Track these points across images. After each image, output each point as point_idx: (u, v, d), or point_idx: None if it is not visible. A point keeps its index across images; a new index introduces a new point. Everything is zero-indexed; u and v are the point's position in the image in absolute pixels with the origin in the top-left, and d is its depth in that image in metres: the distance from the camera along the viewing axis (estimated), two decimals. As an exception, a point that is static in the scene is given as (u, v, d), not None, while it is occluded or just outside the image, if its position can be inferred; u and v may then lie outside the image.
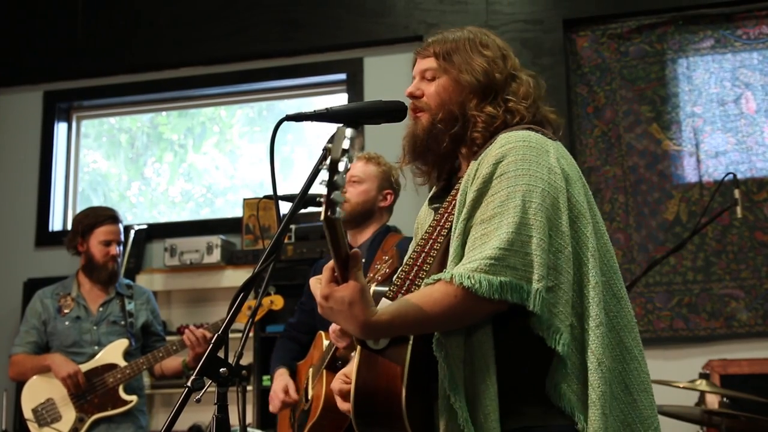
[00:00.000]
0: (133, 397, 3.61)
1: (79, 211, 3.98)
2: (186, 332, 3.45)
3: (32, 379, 3.61)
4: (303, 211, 1.70)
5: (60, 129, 5.49)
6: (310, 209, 1.88)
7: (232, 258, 4.81)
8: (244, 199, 4.96)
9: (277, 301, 3.51)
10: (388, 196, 3.09)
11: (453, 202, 1.74)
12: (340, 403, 1.77)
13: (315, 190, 1.48)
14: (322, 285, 1.50)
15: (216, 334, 1.53)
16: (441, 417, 1.57)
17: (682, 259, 4.37)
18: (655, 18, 4.66)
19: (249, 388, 4.32)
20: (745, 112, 4.49)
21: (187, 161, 5.54)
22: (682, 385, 3.16)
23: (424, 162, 1.84)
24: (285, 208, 1.76)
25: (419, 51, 1.88)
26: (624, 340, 1.65)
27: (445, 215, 1.75)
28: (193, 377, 1.49)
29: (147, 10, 5.37)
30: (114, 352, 3.64)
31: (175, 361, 3.67)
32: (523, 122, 1.76)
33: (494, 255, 1.52)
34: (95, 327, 3.69)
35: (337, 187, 1.34)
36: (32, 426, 3.55)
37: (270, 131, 1.55)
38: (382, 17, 4.96)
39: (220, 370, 1.50)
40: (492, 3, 4.80)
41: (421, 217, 1.93)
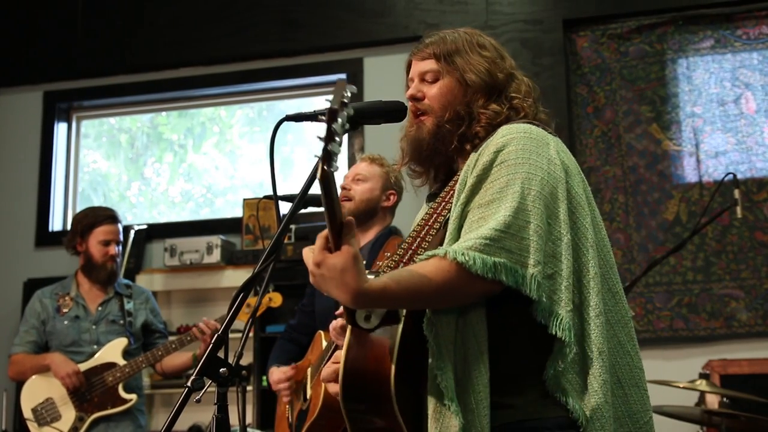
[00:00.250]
0: (133, 396, 3.62)
1: (78, 211, 3.98)
2: (199, 325, 3.45)
3: (31, 378, 3.61)
4: (303, 211, 1.70)
5: (60, 129, 5.49)
6: (310, 209, 1.88)
7: (232, 258, 4.81)
8: (244, 200, 4.96)
9: (276, 299, 3.52)
10: (391, 196, 3.13)
11: (451, 192, 1.74)
12: (330, 387, 1.76)
13: (315, 190, 1.47)
14: (314, 252, 1.48)
15: (216, 334, 1.53)
16: (429, 399, 1.56)
17: (682, 259, 4.37)
18: (655, 18, 4.66)
19: (249, 388, 4.32)
20: (745, 112, 4.49)
21: (187, 161, 5.54)
22: (682, 385, 3.16)
23: (429, 164, 1.83)
24: (285, 208, 1.76)
25: (415, 53, 1.86)
26: (618, 335, 1.65)
27: (442, 204, 1.75)
28: (193, 377, 1.49)
29: (147, 10, 5.37)
30: (113, 351, 3.64)
31: (183, 356, 3.68)
32: (527, 118, 1.77)
33: (490, 235, 1.51)
34: (94, 326, 3.69)
35: (334, 137, 1.31)
36: (32, 425, 3.55)
37: (270, 131, 1.55)
38: (381, 17, 4.96)
39: (220, 370, 1.50)
40: (492, 3, 4.80)
41: (420, 215, 1.93)
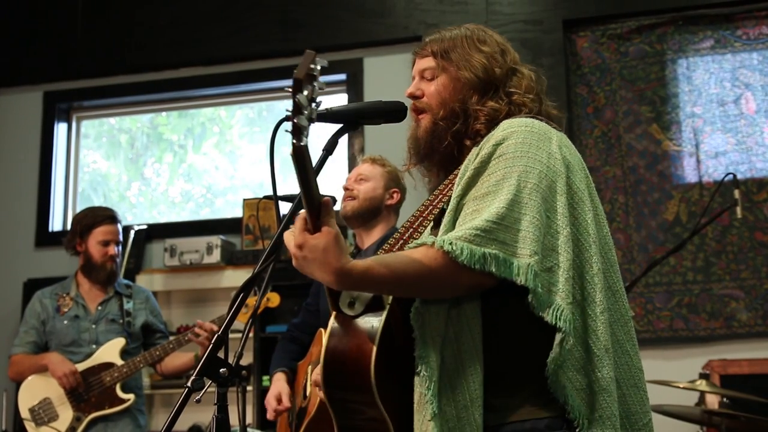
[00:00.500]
0: (130, 396, 3.61)
1: (78, 212, 3.98)
2: (195, 329, 3.44)
3: (29, 378, 3.61)
4: (303, 211, 1.70)
5: (60, 129, 5.48)
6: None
7: (232, 258, 4.81)
8: (244, 200, 4.96)
9: (273, 299, 3.53)
10: (395, 194, 3.14)
11: (449, 185, 1.74)
12: (317, 392, 1.75)
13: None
14: (295, 235, 1.46)
15: (216, 335, 1.53)
16: (416, 390, 1.55)
17: (682, 259, 4.37)
18: (655, 18, 4.66)
19: (249, 388, 4.32)
20: (744, 112, 4.49)
21: (187, 161, 5.54)
22: (682, 386, 3.16)
23: (429, 162, 1.83)
24: (285, 208, 1.76)
25: (417, 51, 1.87)
26: (617, 334, 1.63)
27: (439, 196, 1.75)
28: (193, 377, 1.49)
29: (147, 11, 5.37)
30: (111, 351, 3.64)
31: (184, 357, 3.67)
32: (530, 114, 1.76)
33: (482, 226, 1.50)
34: (94, 326, 3.69)
35: (301, 110, 1.29)
36: (29, 425, 3.55)
37: (270, 132, 1.55)
38: (381, 18, 4.96)
39: (220, 370, 1.50)
40: (492, 3, 4.80)
41: None
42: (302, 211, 1.46)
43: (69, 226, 4.04)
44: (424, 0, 4.90)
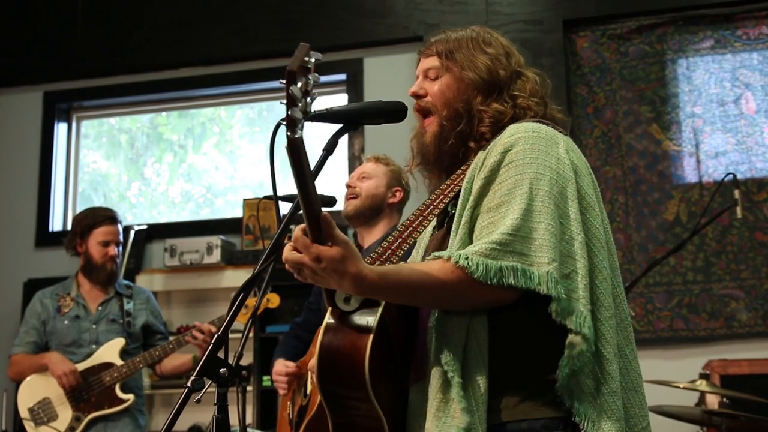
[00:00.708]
0: (130, 396, 3.61)
1: (78, 212, 3.98)
2: (192, 332, 3.44)
3: (29, 378, 3.61)
4: (301, 226, 1.70)
5: (60, 129, 5.48)
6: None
7: (232, 258, 4.81)
8: (244, 200, 4.96)
9: (273, 300, 3.52)
10: (397, 193, 3.14)
11: (451, 185, 1.74)
12: (313, 377, 1.75)
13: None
14: (305, 249, 1.44)
15: (216, 335, 1.53)
16: (434, 396, 1.56)
17: (682, 259, 4.37)
18: (655, 18, 4.66)
19: (249, 388, 4.32)
20: (744, 112, 4.49)
21: (187, 162, 5.54)
22: (682, 386, 3.16)
23: (438, 168, 1.82)
24: (285, 208, 1.76)
25: (422, 51, 1.88)
26: (618, 338, 1.63)
27: (441, 196, 1.75)
28: (193, 377, 1.49)
29: (147, 11, 5.37)
30: (110, 351, 3.64)
31: (183, 358, 3.68)
32: (535, 118, 1.75)
33: (499, 240, 1.51)
34: (94, 326, 3.69)
35: (295, 102, 1.28)
36: (28, 425, 3.55)
37: (270, 132, 1.54)
38: (381, 18, 4.96)
39: (220, 370, 1.50)
40: (492, 3, 4.80)
41: None
42: (300, 226, 1.45)
43: (69, 227, 4.04)
44: (424, 0, 4.90)
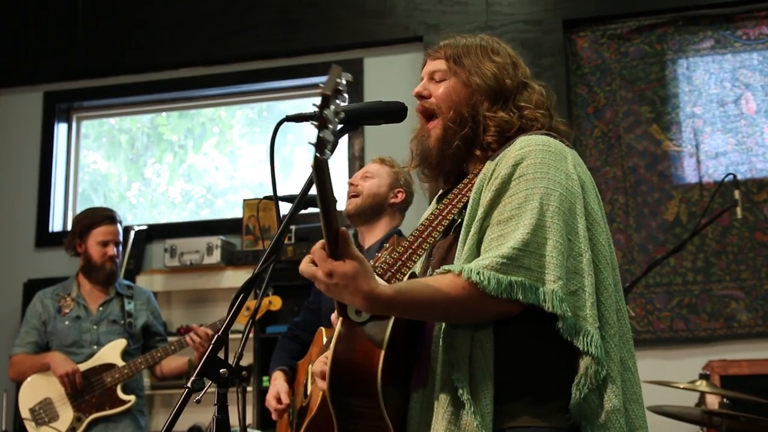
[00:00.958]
0: (131, 397, 3.61)
1: (78, 212, 3.98)
2: (189, 335, 3.44)
3: (30, 378, 3.61)
4: (303, 212, 1.70)
5: (60, 130, 5.48)
6: (311, 210, 1.88)
7: (232, 259, 4.81)
8: (244, 200, 4.96)
9: (276, 302, 3.51)
10: (399, 193, 3.14)
11: (459, 195, 1.75)
12: (320, 383, 1.76)
13: (315, 190, 1.47)
14: (321, 263, 1.48)
15: (216, 335, 1.53)
16: (444, 409, 1.57)
17: (682, 259, 4.37)
18: (655, 18, 4.66)
19: (249, 388, 4.31)
20: (745, 112, 4.49)
21: (187, 162, 5.54)
22: (682, 386, 3.16)
23: (439, 171, 1.83)
24: (285, 208, 1.76)
25: (430, 53, 1.88)
26: (621, 351, 1.64)
27: (449, 206, 1.75)
28: (193, 378, 1.49)
29: (147, 11, 5.37)
30: (112, 352, 3.64)
31: (179, 360, 3.68)
32: (542, 129, 1.76)
33: (508, 254, 1.52)
34: (95, 326, 3.69)
35: (327, 124, 1.30)
36: (29, 425, 3.55)
37: (270, 132, 1.54)
38: (382, 18, 4.96)
39: (220, 370, 1.50)
40: (492, 3, 4.80)
41: (426, 214, 1.93)
42: (320, 242, 1.48)
43: (69, 227, 4.04)
44: (424, 0, 4.90)
